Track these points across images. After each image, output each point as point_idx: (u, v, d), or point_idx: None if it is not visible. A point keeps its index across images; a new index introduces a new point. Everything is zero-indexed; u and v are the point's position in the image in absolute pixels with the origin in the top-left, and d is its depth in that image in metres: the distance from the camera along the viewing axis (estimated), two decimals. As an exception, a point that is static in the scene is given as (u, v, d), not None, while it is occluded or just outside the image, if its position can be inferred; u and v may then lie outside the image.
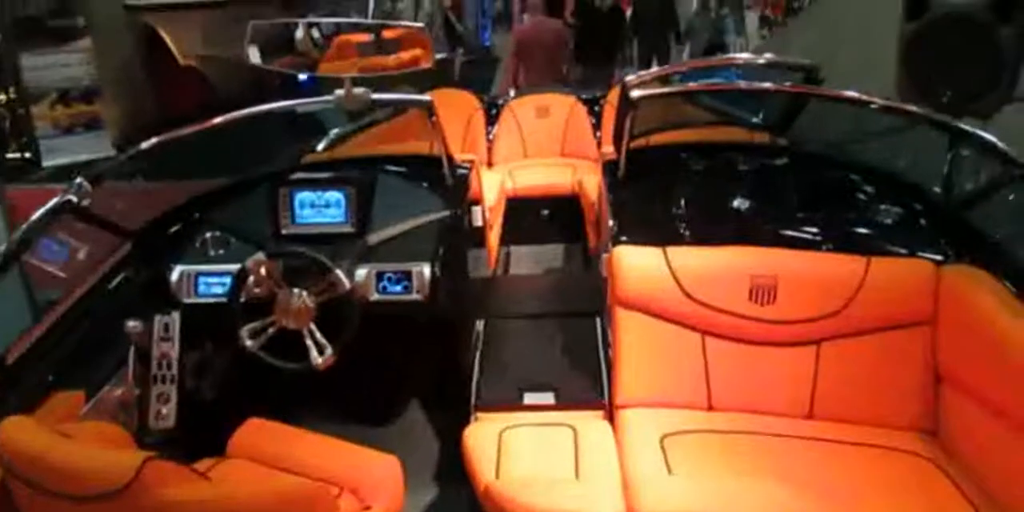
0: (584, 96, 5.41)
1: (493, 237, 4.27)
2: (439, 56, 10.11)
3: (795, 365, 2.52)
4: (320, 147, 4.11)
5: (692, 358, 2.57)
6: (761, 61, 3.16)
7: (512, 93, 5.67)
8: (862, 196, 2.84)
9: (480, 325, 3.35)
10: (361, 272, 2.75)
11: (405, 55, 2.91)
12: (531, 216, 4.90)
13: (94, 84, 9.25)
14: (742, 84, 2.69)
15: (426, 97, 2.83)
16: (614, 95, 5.21)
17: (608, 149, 3.42)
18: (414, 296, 2.75)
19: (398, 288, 2.76)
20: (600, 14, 7.95)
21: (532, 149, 5.31)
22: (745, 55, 3.04)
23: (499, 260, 4.63)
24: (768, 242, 2.64)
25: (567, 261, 4.76)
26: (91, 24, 9.20)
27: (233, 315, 2.59)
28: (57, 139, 8.11)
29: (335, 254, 2.70)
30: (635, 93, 2.72)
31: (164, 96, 9.66)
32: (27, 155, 7.86)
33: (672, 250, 2.62)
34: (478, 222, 3.43)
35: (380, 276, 2.76)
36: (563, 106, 5.34)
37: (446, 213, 2.97)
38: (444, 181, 3.13)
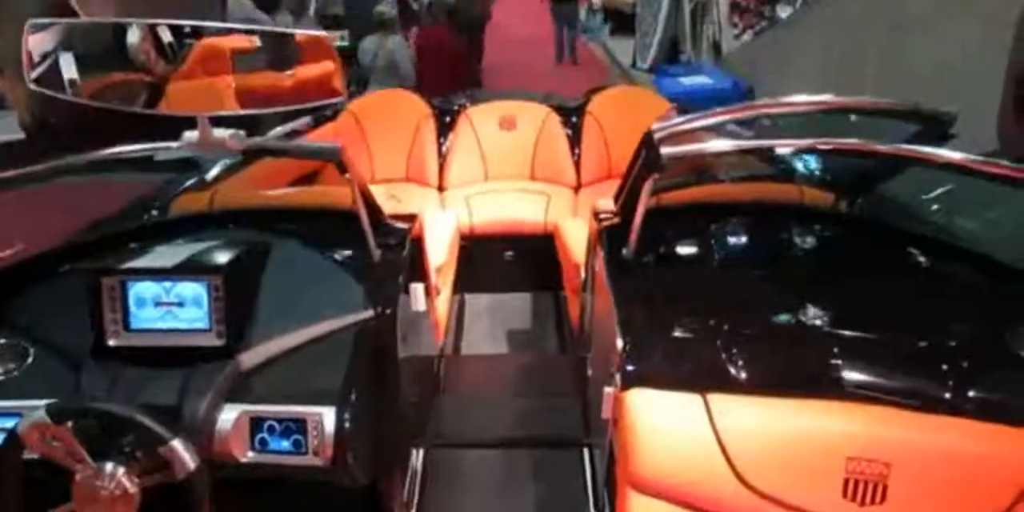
0: (559, 105, 4.38)
1: (443, 297, 3.26)
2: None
3: None
4: (211, 176, 3.05)
5: None
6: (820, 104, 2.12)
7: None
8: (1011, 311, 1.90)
9: (418, 457, 2.40)
10: (228, 416, 1.75)
11: (310, 70, 1.88)
12: (493, 259, 3.88)
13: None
14: (851, 142, 1.71)
15: (333, 145, 1.83)
16: (596, 106, 4.22)
17: (605, 202, 2.44)
18: (309, 459, 1.76)
19: (285, 445, 1.77)
20: None
21: (495, 170, 4.27)
22: (825, 97, 1.97)
23: (451, 318, 3.63)
24: (869, 392, 1.69)
25: (537, 319, 3.75)
26: (-7, -9, 7.94)
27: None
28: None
29: (188, 386, 1.72)
30: (667, 151, 1.73)
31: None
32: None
33: (718, 401, 1.66)
34: (419, 306, 2.44)
35: (258, 424, 1.77)
36: (533, 116, 4.29)
37: (368, 314, 1.98)
38: (369, 257, 2.14)
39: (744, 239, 2.22)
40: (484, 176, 4.24)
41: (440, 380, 3.04)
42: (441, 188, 4.19)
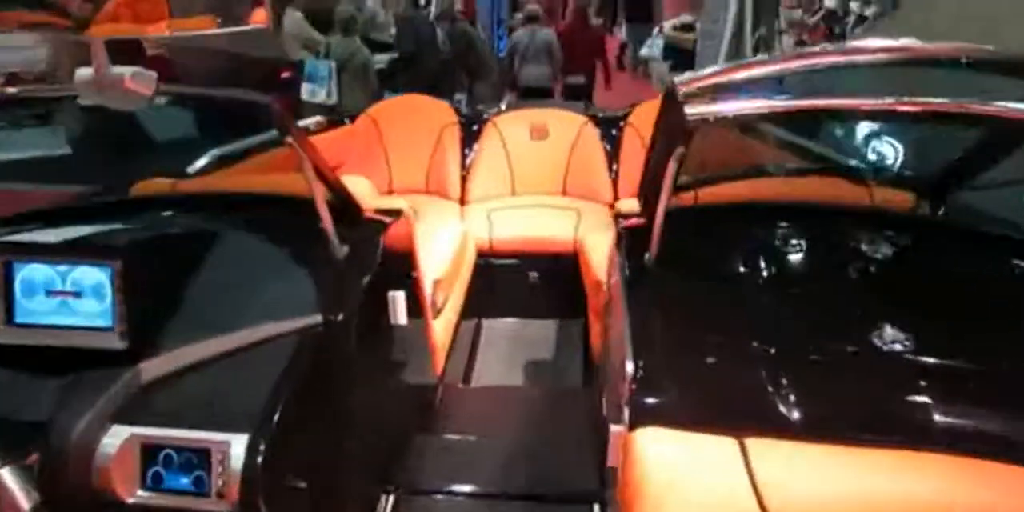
0: (599, 114, 3.97)
1: (446, 318, 2.84)
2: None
3: None
4: (195, 168, 2.73)
5: None
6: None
7: (503, 105, 4.24)
8: None
9: (387, 506, 1.98)
10: (112, 441, 1.37)
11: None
12: (515, 280, 3.45)
13: (51, 69, 8.03)
14: (935, 103, 1.28)
15: (263, 97, 1.47)
16: (639, 117, 3.81)
17: (629, 203, 2.03)
18: (212, 503, 1.36)
19: (184, 482, 1.37)
20: None
21: (524, 183, 3.86)
22: (904, 42, 1.50)
23: (459, 343, 3.21)
24: (962, 441, 1.24)
25: (561, 349, 3.30)
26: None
27: None
28: (3, 131, 7.03)
29: (69, 397, 1.37)
30: (692, 110, 1.32)
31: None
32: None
33: (760, 447, 1.22)
34: (399, 319, 2.04)
35: (152, 453, 1.38)
36: (568, 126, 3.89)
37: (315, 319, 1.59)
38: (329, 253, 1.76)
39: (798, 244, 1.78)
40: (511, 190, 3.84)
41: (435, 414, 2.62)
42: (463, 201, 3.80)
